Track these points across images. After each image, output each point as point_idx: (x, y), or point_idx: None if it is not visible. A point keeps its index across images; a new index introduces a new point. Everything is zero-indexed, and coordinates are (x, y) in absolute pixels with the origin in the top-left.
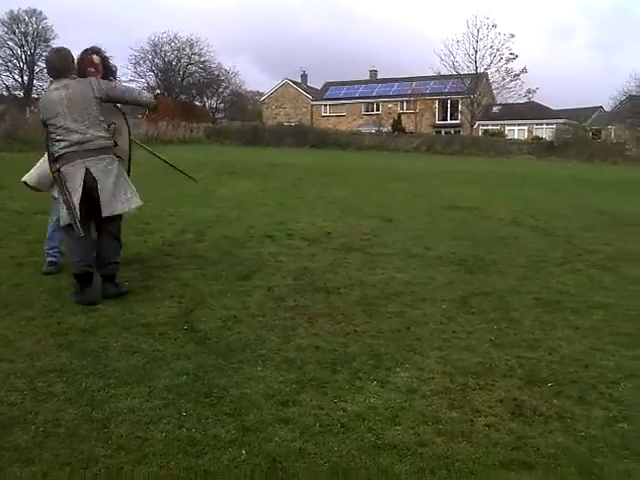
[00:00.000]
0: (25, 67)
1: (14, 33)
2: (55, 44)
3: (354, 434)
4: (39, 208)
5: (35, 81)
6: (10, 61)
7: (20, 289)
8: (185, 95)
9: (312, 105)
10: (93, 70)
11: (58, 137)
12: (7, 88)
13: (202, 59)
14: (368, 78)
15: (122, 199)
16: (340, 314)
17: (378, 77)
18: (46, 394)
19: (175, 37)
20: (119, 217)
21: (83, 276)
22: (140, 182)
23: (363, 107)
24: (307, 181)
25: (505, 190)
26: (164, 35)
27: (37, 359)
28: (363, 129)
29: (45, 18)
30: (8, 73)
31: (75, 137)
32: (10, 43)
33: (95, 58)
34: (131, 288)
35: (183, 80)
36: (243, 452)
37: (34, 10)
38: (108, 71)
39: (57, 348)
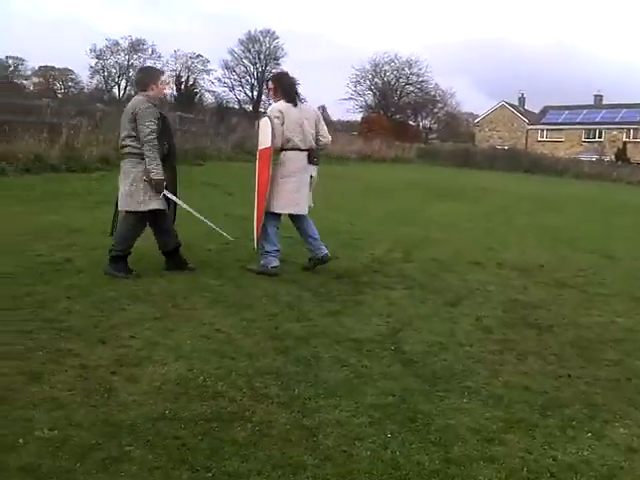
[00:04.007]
0: (256, 83)
1: (249, 52)
2: (284, 62)
3: None
4: None
5: (263, 96)
6: (244, 77)
7: (241, 291)
8: (400, 114)
9: (528, 129)
10: (270, 93)
11: None
12: (239, 102)
13: (420, 79)
14: (592, 103)
15: None
16: (552, 354)
17: (603, 102)
18: (262, 395)
19: (395, 57)
20: None
21: None
22: (347, 199)
23: (584, 133)
24: (517, 207)
25: None
26: (385, 55)
27: (256, 360)
28: (582, 156)
29: (277, 38)
30: (241, 88)
31: None
32: (245, 61)
33: (269, 84)
34: (342, 301)
35: (399, 100)
36: None
37: (268, 30)
38: (280, 91)
39: (274, 351)
